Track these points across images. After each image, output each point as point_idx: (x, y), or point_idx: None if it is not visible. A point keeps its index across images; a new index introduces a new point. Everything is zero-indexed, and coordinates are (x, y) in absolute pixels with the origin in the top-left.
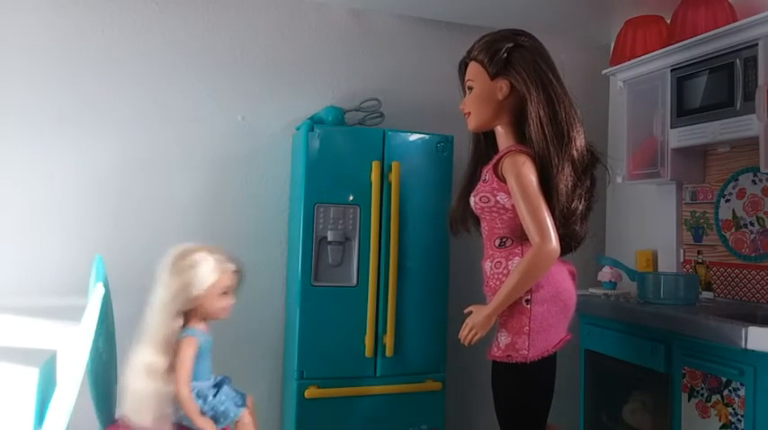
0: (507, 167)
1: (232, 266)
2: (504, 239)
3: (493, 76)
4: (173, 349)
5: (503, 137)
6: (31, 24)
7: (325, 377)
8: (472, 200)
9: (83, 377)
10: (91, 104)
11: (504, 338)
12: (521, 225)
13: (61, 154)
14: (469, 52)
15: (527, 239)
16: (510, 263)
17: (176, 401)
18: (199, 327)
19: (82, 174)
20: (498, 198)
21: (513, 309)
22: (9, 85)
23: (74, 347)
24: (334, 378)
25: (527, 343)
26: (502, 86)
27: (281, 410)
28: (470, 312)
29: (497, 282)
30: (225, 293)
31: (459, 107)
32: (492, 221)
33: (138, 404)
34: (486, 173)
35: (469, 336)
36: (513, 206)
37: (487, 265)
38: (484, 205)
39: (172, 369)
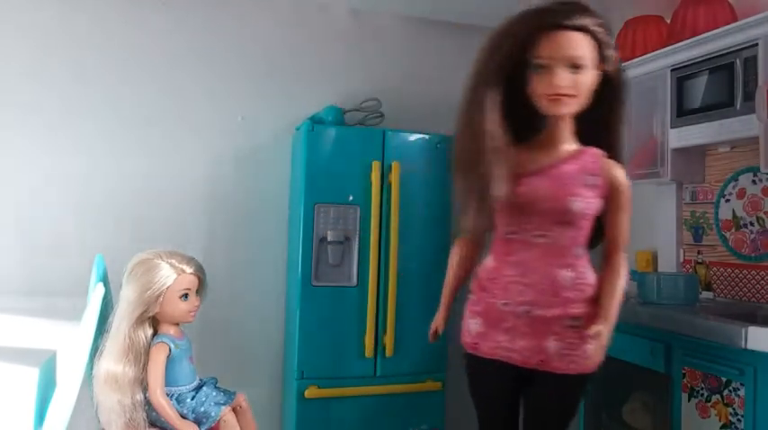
0: (620, 175)
1: (190, 268)
2: (582, 249)
3: (598, 64)
4: (139, 356)
5: (567, 127)
6: (38, 20)
7: (325, 377)
8: (577, 202)
9: (83, 377)
10: (92, 104)
11: (589, 348)
12: (588, 235)
13: (62, 154)
14: (578, 16)
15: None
16: (589, 272)
17: (152, 407)
18: (170, 333)
19: (83, 173)
20: (598, 204)
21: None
22: (13, 86)
23: (74, 347)
24: (334, 378)
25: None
26: (596, 78)
27: (282, 410)
28: (599, 332)
29: (578, 293)
30: (186, 296)
31: (557, 83)
32: (582, 229)
33: (106, 415)
34: (594, 176)
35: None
36: (596, 214)
37: (566, 274)
38: (587, 212)
39: (144, 377)
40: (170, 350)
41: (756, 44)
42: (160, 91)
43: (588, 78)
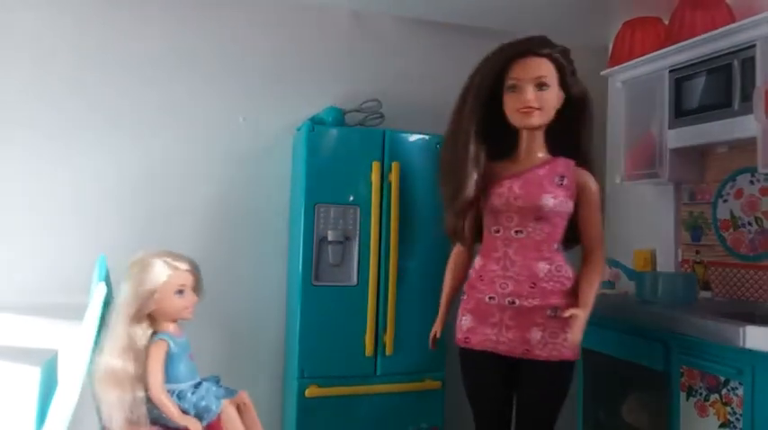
0: (589, 180)
1: (183, 265)
2: (559, 245)
3: (560, 85)
4: (139, 355)
5: (539, 140)
6: (35, 26)
7: (325, 376)
8: (549, 199)
9: (84, 376)
10: (93, 106)
11: (569, 336)
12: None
13: (65, 155)
14: (542, 46)
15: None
16: (567, 267)
17: (153, 404)
18: (169, 330)
19: (85, 174)
20: (569, 204)
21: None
22: (14, 88)
23: (76, 347)
24: (334, 377)
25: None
26: (561, 97)
27: (282, 409)
28: (574, 315)
29: (556, 285)
30: (181, 292)
31: (526, 97)
32: (556, 226)
33: (107, 411)
34: (563, 178)
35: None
36: (569, 214)
37: (543, 266)
38: (560, 209)
39: (144, 375)
40: (169, 347)
41: (754, 45)
42: (161, 91)
43: (552, 95)
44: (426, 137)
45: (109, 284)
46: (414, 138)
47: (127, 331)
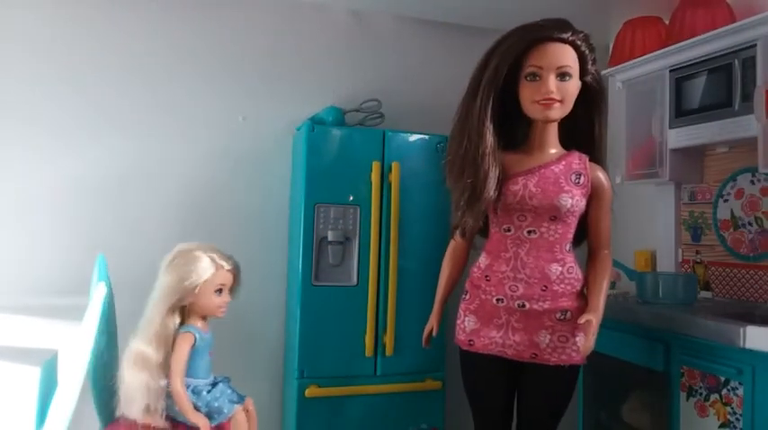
0: (603, 178)
1: (228, 265)
2: (570, 245)
3: (581, 74)
4: (168, 344)
5: (553, 133)
6: (35, 24)
7: (325, 376)
8: (567, 199)
9: (84, 376)
10: (93, 105)
11: (579, 340)
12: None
13: (64, 154)
14: (564, 30)
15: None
16: (577, 268)
17: (170, 395)
18: (197, 325)
19: (85, 173)
20: (584, 203)
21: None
22: (12, 86)
23: (75, 347)
24: (334, 377)
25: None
26: (579, 87)
27: (282, 409)
28: (589, 320)
29: (567, 287)
30: (220, 291)
31: (549, 88)
32: (570, 226)
33: (130, 394)
34: (579, 175)
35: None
36: (581, 212)
37: (555, 268)
38: (575, 209)
39: (167, 364)
40: (195, 340)
41: (755, 45)
42: (161, 92)
43: (573, 86)
44: (426, 137)
45: (108, 284)
46: (414, 138)
47: (163, 319)
